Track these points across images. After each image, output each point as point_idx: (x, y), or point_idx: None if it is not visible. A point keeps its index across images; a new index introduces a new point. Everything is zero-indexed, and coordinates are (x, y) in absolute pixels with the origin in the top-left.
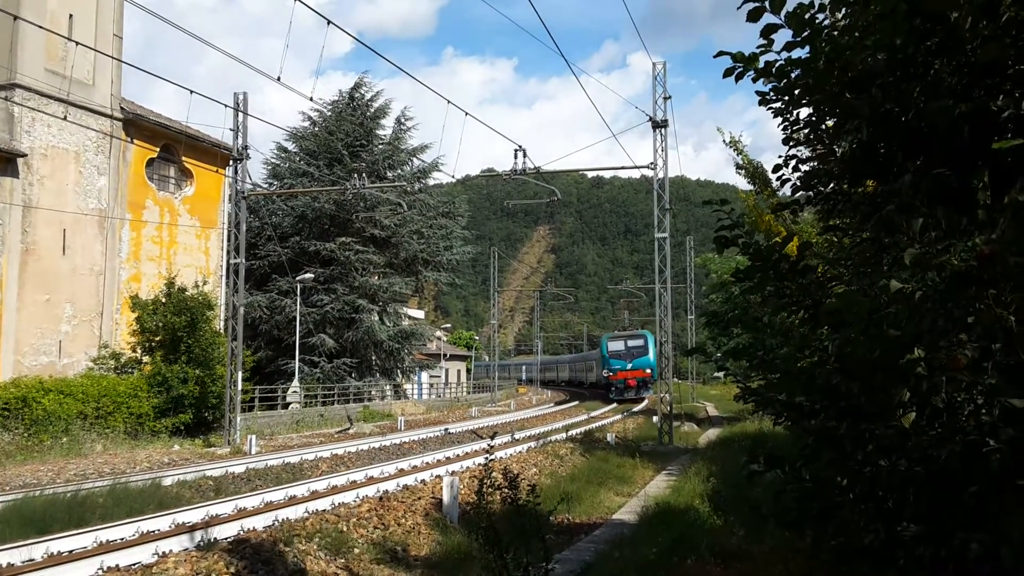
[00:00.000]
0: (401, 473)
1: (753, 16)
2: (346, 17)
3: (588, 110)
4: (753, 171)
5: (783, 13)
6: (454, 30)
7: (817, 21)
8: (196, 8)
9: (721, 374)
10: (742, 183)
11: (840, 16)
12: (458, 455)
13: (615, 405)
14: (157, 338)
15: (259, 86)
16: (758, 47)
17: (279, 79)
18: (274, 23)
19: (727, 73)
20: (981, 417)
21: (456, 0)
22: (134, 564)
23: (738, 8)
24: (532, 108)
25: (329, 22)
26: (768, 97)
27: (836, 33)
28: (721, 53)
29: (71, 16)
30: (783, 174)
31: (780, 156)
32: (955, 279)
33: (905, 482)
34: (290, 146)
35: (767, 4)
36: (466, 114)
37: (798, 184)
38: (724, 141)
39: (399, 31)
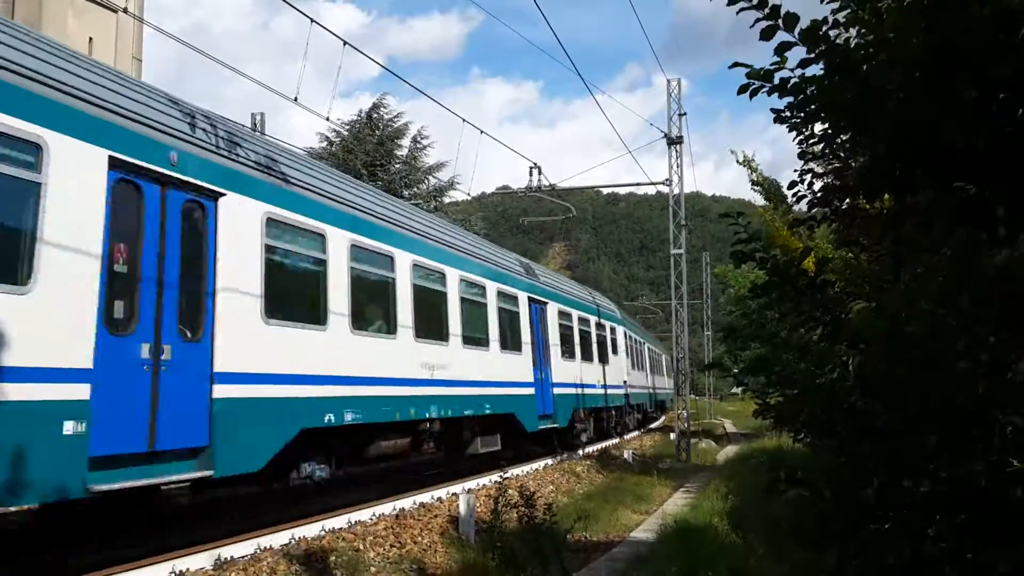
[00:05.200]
0: (417, 490)
1: (766, 35)
2: (378, 42)
3: (608, 129)
4: (768, 187)
5: (797, 30)
6: (482, 53)
7: (831, 37)
8: (229, 34)
9: (739, 390)
10: (758, 199)
11: (854, 33)
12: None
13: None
14: None
15: (286, 108)
16: (771, 63)
17: (296, 100)
18: (303, 47)
19: (742, 90)
20: (1007, 435)
21: (485, 25)
22: None
23: (751, 27)
24: (554, 127)
25: (345, 43)
26: (783, 115)
27: (851, 48)
28: (736, 64)
29: (91, 39)
30: (799, 190)
31: (796, 171)
32: (976, 297)
33: (930, 502)
34: None
35: (780, 22)
36: (481, 132)
37: (815, 200)
38: (738, 161)
39: (430, 54)
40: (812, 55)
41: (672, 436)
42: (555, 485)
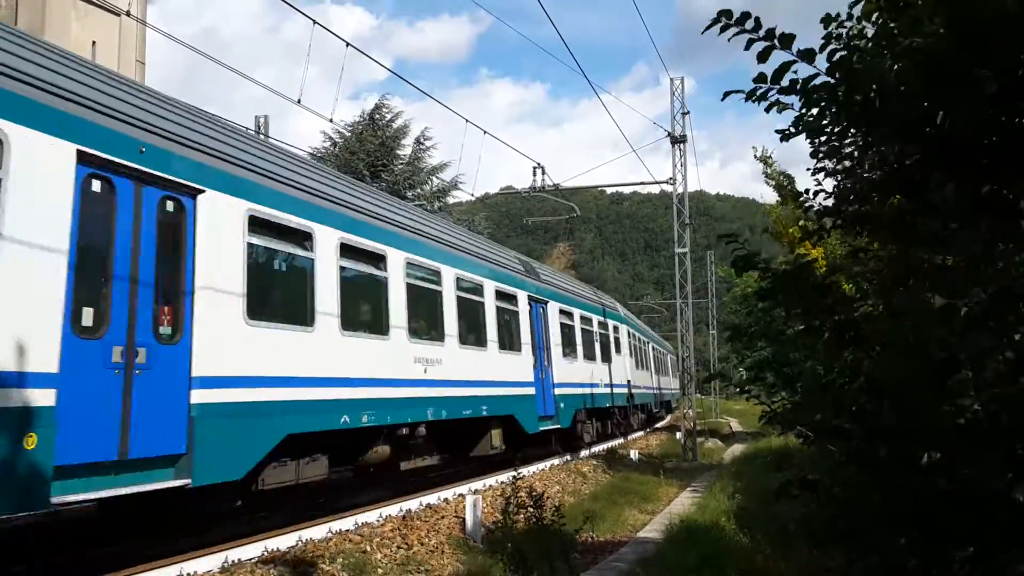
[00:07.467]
0: (424, 491)
1: (763, 57)
2: (387, 44)
3: (614, 129)
4: (781, 184)
5: (795, 48)
6: (491, 55)
7: (836, 58)
8: (240, 39)
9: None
10: (761, 197)
11: (868, 26)
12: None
13: None
14: None
15: (294, 110)
16: (768, 87)
17: (299, 101)
18: (313, 50)
19: (748, 96)
20: None
21: (494, 27)
22: None
23: (745, 49)
24: (560, 128)
25: (348, 45)
26: (788, 133)
27: (855, 62)
28: (729, 94)
29: (94, 43)
30: (808, 202)
31: (808, 168)
32: (1001, 295)
33: (945, 503)
34: None
35: (776, 42)
36: (484, 132)
37: (823, 209)
38: (755, 156)
39: (439, 56)
40: (824, 71)
41: (678, 435)
42: (561, 485)
